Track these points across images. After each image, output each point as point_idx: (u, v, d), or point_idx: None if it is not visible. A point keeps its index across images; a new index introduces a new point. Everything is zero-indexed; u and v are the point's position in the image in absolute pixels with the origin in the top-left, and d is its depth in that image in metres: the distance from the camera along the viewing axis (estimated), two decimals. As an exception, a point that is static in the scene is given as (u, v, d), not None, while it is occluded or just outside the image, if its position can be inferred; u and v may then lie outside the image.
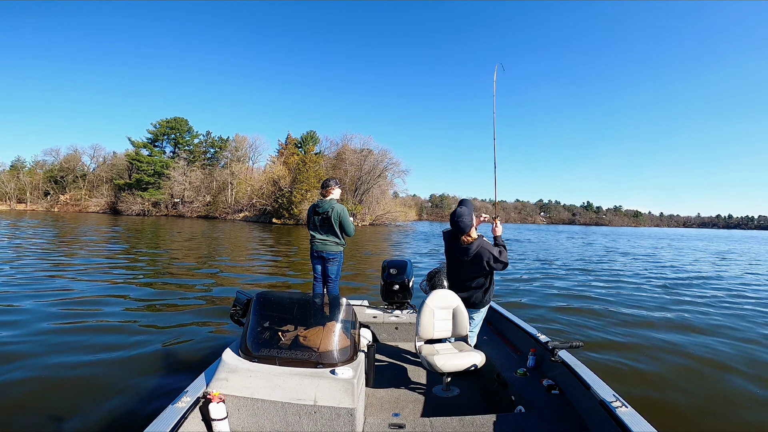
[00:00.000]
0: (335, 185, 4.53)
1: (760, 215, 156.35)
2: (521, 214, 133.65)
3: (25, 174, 63.35)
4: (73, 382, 3.51)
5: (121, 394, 3.31)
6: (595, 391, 2.24)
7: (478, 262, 3.11)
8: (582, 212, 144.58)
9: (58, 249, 12.75)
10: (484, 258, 3.08)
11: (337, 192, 4.54)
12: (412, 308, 4.42)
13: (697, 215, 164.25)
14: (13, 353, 4.10)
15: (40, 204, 60.76)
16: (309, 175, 43.67)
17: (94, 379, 3.58)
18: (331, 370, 2.16)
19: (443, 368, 2.78)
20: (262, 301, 2.58)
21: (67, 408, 3.07)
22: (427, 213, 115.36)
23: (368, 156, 47.97)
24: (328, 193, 4.47)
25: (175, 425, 1.83)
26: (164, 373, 3.76)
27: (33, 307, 5.76)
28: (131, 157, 58.00)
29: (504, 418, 2.32)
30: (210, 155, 62.20)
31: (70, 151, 64.80)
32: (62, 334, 4.72)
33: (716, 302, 8.09)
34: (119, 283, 7.82)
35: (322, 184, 4.54)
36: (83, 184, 62.11)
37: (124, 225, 28.77)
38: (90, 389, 3.38)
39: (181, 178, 55.09)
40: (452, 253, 3.31)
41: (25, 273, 8.34)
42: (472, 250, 3.11)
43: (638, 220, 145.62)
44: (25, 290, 6.82)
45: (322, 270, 4.57)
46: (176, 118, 59.77)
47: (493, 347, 3.54)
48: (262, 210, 49.99)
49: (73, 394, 3.28)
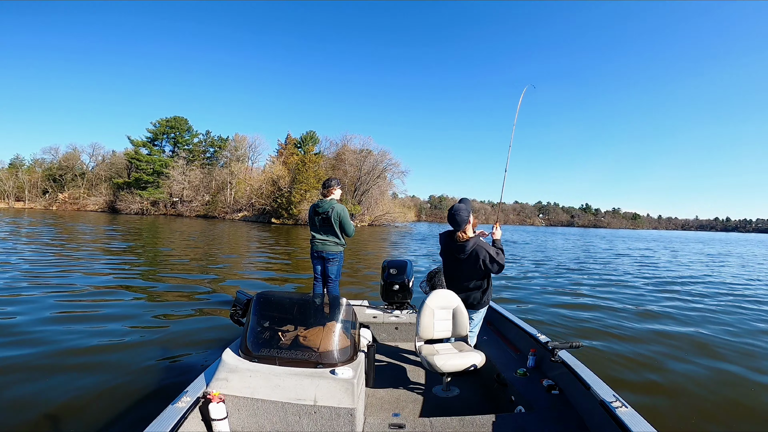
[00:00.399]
0: (336, 185, 4.52)
1: (758, 218, 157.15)
2: (520, 215, 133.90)
3: (23, 172, 63.22)
4: (73, 382, 3.49)
5: (121, 394, 3.30)
6: (595, 391, 2.24)
7: (474, 261, 3.10)
8: (580, 214, 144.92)
9: (56, 248, 12.71)
10: (480, 256, 3.07)
11: (338, 192, 4.53)
12: (412, 308, 4.42)
13: (695, 218, 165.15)
14: (13, 352, 4.08)
15: (39, 202, 60.61)
16: (308, 176, 43.66)
17: (93, 379, 3.57)
18: (331, 370, 2.16)
19: (443, 368, 2.78)
20: (262, 301, 2.58)
21: (66, 408, 3.06)
22: (426, 214, 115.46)
23: (368, 156, 48.01)
24: (330, 193, 4.46)
25: (175, 425, 1.82)
26: (164, 373, 3.75)
27: (32, 307, 5.74)
28: (130, 156, 57.93)
29: (504, 418, 2.32)
30: (209, 155, 62.19)
31: (69, 149, 64.79)
32: (61, 335, 4.70)
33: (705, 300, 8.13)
34: (118, 284, 7.79)
35: (323, 184, 4.53)
36: (82, 183, 61.98)
37: (122, 224, 28.71)
38: (90, 389, 3.36)
39: (181, 177, 55.03)
40: (449, 252, 3.29)
41: (21, 273, 8.32)
42: (469, 247, 3.10)
43: (636, 223, 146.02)
44: (22, 290, 6.80)
45: (322, 270, 4.57)
46: (176, 117, 59.73)
47: (493, 347, 3.54)
48: (261, 210, 49.94)
49: (72, 395, 3.27)
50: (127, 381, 3.54)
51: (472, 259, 3.11)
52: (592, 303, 7.69)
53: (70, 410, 3.03)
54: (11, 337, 4.50)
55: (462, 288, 3.25)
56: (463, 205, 3.16)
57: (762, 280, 12.58)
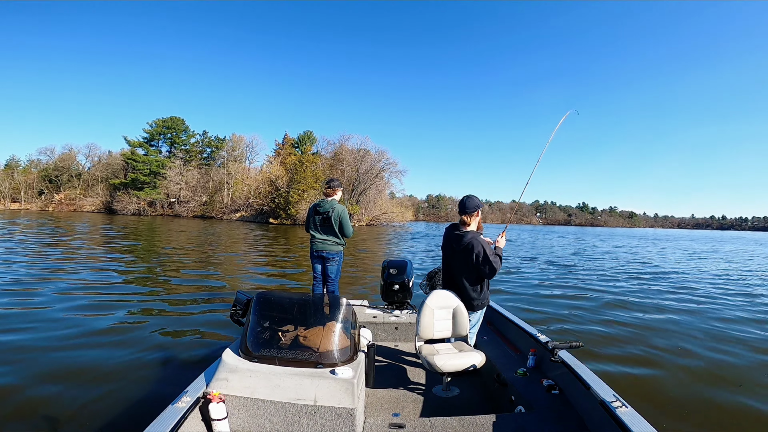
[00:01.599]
0: (339, 187, 4.58)
1: (753, 216, 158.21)
2: (517, 214, 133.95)
3: (19, 173, 62.91)
4: (72, 382, 3.48)
5: (121, 394, 3.29)
6: (595, 391, 2.25)
7: (468, 254, 3.02)
8: (577, 213, 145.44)
9: (52, 250, 12.64)
10: (474, 250, 2.99)
11: (339, 193, 4.57)
12: (412, 308, 4.42)
13: (691, 216, 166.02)
14: (11, 353, 4.07)
15: (35, 203, 60.32)
16: (306, 176, 43.64)
17: (93, 378, 3.56)
18: (331, 370, 2.15)
19: (443, 368, 2.78)
20: (262, 301, 2.58)
21: (66, 409, 3.05)
22: (424, 213, 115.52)
23: (365, 156, 47.98)
24: (333, 193, 4.50)
25: (175, 425, 1.82)
26: (164, 373, 3.74)
27: (32, 306, 5.71)
28: (127, 157, 57.73)
29: (504, 418, 2.33)
30: (206, 155, 62.04)
31: (65, 150, 64.59)
32: (60, 334, 4.68)
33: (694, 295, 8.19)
34: (117, 283, 7.77)
35: (328, 184, 4.55)
36: (78, 184, 61.71)
37: (120, 224, 28.59)
38: (89, 389, 3.35)
39: (178, 177, 54.86)
40: (449, 243, 3.24)
41: (18, 273, 8.27)
42: (466, 239, 3.06)
43: (633, 221, 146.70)
44: (22, 288, 6.76)
45: (322, 269, 4.57)
46: (172, 118, 59.53)
47: (493, 347, 3.55)
48: (258, 210, 49.87)
49: (72, 395, 3.26)
50: (127, 381, 3.53)
51: (467, 252, 3.04)
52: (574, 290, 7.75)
53: (70, 410, 3.02)
54: (11, 337, 4.48)
55: (456, 284, 3.19)
56: (477, 198, 3.19)
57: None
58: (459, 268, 3.16)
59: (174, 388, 2.80)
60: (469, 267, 3.07)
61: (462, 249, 3.08)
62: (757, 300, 8.65)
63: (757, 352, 5.07)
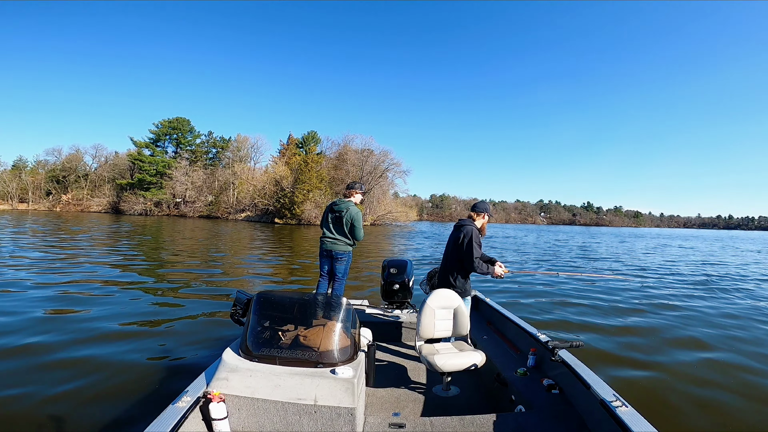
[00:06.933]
0: (359, 190, 4.61)
1: (760, 216, 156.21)
2: (521, 214, 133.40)
3: (26, 174, 63.54)
4: (72, 382, 3.50)
5: (121, 394, 3.30)
6: (596, 391, 2.24)
7: (457, 237, 3.46)
8: (582, 212, 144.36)
9: (60, 248, 12.77)
10: (462, 233, 3.42)
11: (358, 197, 4.59)
12: (412, 308, 4.42)
13: (697, 216, 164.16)
14: (11, 352, 4.10)
15: (42, 204, 60.90)
16: (311, 176, 43.73)
17: (93, 378, 3.58)
18: (332, 370, 2.16)
19: (443, 368, 2.78)
20: (262, 301, 2.58)
21: (66, 409, 3.07)
22: (428, 213, 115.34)
23: (369, 156, 47.99)
24: (351, 195, 4.54)
25: (175, 425, 1.83)
26: (164, 373, 3.76)
27: (31, 306, 5.77)
28: (133, 157, 58.16)
29: (504, 418, 2.32)
30: (212, 155, 62.38)
31: (71, 150, 65.11)
32: (60, 333, 4.73)
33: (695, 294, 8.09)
34: (118, 283, 7.82)
35: (348, 185, 4.63)
36: (85, 184, 62.29)
37: (126, 224, 28.82)
38: (89, 389, 3.38)
39: (183, 177, 55.22)
40: (451, 234, 3.66)
41: (19, 273, 8.37)
42: (464, 226, 3.49)
43: (638, 221, 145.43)
44: (22, 287, 6.84)
45: (330, 268, 4.57)
46: (178, 118, 59.89)
47: (493, 347, 3.54)
48: (264, 210, 50.03)
49: (72, 395, 3.28)
50: (127, 381, 3.55)
51: (458, 235, 3.46)
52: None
53: (70, 410, 3.04)
54: (10, 336, 4.53)
55: (446, 266, 3.59)
56: (488, 203, 3.73)
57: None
58: (449, 250, 3.60)
59: (174, 388, 2.81)
60: (457, 250, 3.46)
61: (454, 232, 3.57)
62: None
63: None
